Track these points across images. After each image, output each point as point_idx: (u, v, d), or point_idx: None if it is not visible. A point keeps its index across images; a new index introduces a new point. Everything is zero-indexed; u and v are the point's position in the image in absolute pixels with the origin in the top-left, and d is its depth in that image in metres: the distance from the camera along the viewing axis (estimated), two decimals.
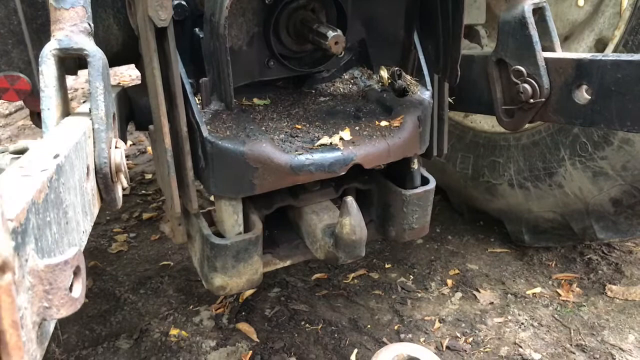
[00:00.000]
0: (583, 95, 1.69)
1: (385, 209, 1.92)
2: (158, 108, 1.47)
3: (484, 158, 2.90)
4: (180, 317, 2.57)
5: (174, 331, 2.47)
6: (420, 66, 1.80)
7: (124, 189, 1.32)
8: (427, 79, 1.80)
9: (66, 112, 1.26)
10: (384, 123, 1.70)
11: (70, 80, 4.61)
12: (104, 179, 1.21)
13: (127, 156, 3.98)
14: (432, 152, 1.98)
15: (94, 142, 1.18)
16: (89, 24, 1.25)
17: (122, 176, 1.25)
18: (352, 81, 1.89)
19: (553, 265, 2.86)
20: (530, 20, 1.73)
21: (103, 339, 2.45)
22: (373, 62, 1.85)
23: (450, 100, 2.00)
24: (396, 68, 1.78)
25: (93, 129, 1.19)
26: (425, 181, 1.91)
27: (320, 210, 1.82)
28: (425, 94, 1.78)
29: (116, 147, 1.24)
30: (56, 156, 0.93)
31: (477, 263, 2.90)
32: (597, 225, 2.53)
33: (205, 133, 1.52)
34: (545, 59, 1.73)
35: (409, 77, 1.80)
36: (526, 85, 1.75)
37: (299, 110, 1.75)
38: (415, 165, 1.87)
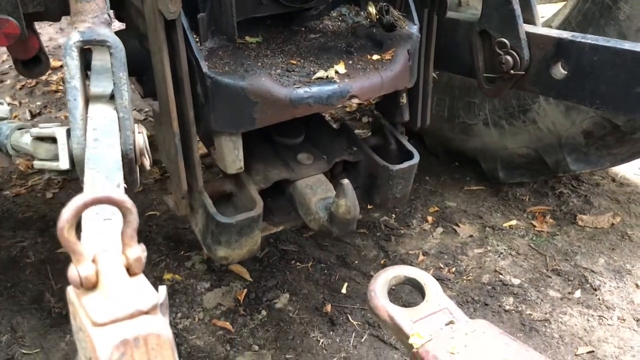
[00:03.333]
0: (560, 71, 1.81)
1: (372, 180, 2.04)
2: (166, 94, 1.53)
3: (459, 100, 2.98)
4: (172, 262, 2.62)
5: (167, 276, 2.53)
6: (407, 1, 1.85)
7: (147, 169, 1.39)
8: (414, 13, 1.85)
9: (85, 96, 1.29)
10: (375, 57, 1.75)
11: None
12: (130, 164, 1.26)
13: None
14: (416, 122, 2.12)
15: (120, 130, 1.23)
16: (109, 15, 1.29)
17: (144, 159, 1.32)
18: (340, 18, 1.93)
19: (527, 199, 3.00)
20: None
21: None
22: None
23: (435, 75, 2.11)
24: (384, 3, 1.83)
25: (118, 118, 1.24)
26: (409, 155, 2.03)
27: (313, 184, 1.92)
28: (413, 28, 1.84)
29: (139, 132, 1.30)
30: (118, 185, 0.97)
31: (455, 200, 3.02)
32: (569, 157, 2.66)
33: (204, 69, 1.55)
34: (528, 34, 1.83)
35: (396, 12, 1.85)
36: (508, 57, 1.86)
37: (291, 47, 1.79)
38: (404, 100, 1.94)
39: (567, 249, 2.67)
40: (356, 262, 2.61)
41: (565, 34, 1.79)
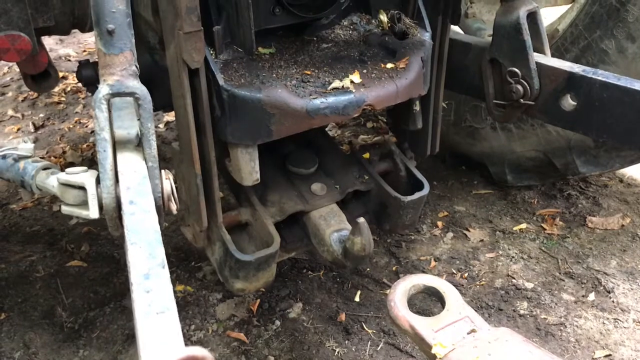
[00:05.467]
0: (569, 102, 1.86)
1: (382, 208, 2.09)
2: (189, 138, 1.57)
3: (466, 104, 2.98)
4: (183, 273, 2.61)
5: (179, 287, 2.52)
6: (419, 8, 1.85)
7: (173, 214, 1.43)
8: (426, 21, 1.85)
9: (112, 140, 1.32)
10: (389, 65, 1.75)
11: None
12: (158, 210, 1.28)
13: None
14: (426, 150, 2.20)
15: (149, 178, 1.27)
16: (136, 66, 1.32)
17: (171, 204, 1.36)
18: (351, 27, 1.93)
19: (535, 202, 3.00)
20: (525, 26, 1.86)
21: (109, 300, 2.48)
22: (372, 7, 1.89)
23: (444, 105, 2.17)
24: (395, 11, 1.82)
25: (147, 167, 1.28)
26: (419, 186, 2.07)
27: (327, 214, 1.96)
28: (426, 36, 1.84)
29: (166, 179, 1.34)
30: (163, 266, 1.00)
31: (463, 205, 3.01)
32: (578, 160, 2.66)
33: (220, 82, 1.55)
34: (539, 65, 1.87)
35: (407, 20, 1.85)
36: (519, 86, 1.90)
37: (304, 57, 1.78)
38: (417, 107, 1.94)
39: (578, 252, 2.66)
40: (368, 269, 2.60)
41: (577, 68, 1.83)
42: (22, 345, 2.26)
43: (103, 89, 1.25)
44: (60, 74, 4.53)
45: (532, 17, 1.89)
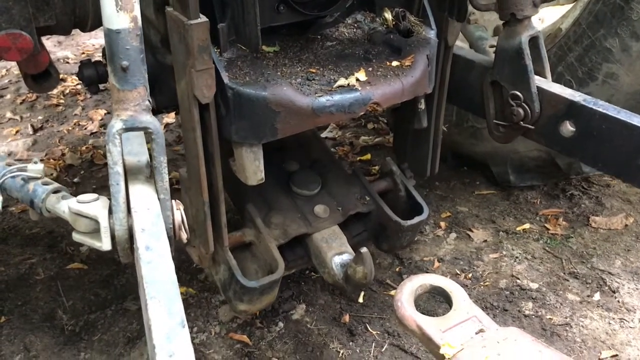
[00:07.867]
0: (568, 128, 1.88)
1: (382, 229, 2.12)
2: (198, 168, 1.61)
3: None
4: (184, 275, 2.58)
5: (181, 289, 2.46)
6: (424, 6, 1.84)
7: (184, 242, 1.49)
8: (431, 18, 1.84)
9: (124, 171, 1.35)
10: (395, 63, 1.73)
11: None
12: (169, 240, 1.31)
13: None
14: (425, 170, 2.23)
15: (161, 210, 1.31)
16: (149, 100, 1.34)
17: (181, 233, 1.42)
18: (355, 25, 1.91)
19: (538, 202, 2.98)
20: (527, 51, 1.88)
21: (110, 302, 2.45)
22: (377, 5, 1.88)
23: (444, 128, 2.24)
24: (400, 9, 1.81)
25: (159, 199, 1.32)
26: (418, 208, 2.10)
27: (329, 237, 1.99)
28: (431, 33, 1.83)
29: (177, 210, 1.38)
30: (184, 325, 1.01)
31: (466, 205, 3.00)
32: None
33: (225, 80, 1.53)
34: (541, 89, 1.89)
35: (412, 18, 1.83)
36: (520, 109, 1.92)
37: (309, 55, 1.77)
38: (422, 106, 1.92)
39: (582, 252, 2.65)
40: None
41: (578, 96, 1.85)
42: (23, 348, 2.24)
43: (116, 124, 1.27)
44: (61, 75, 4.51)
45: (534, 41, 1.91)
